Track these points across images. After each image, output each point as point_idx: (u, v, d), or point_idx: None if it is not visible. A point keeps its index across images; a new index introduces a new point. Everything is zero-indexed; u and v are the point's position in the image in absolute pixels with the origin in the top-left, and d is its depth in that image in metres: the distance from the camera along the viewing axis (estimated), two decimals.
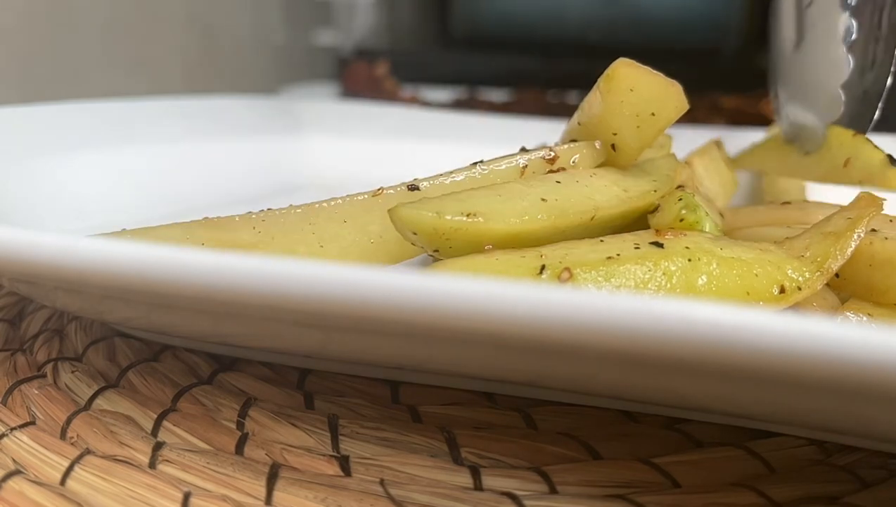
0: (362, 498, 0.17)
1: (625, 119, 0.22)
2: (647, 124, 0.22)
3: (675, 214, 0.21)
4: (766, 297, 0.19)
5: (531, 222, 0.21)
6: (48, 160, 0.32)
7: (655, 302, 0.13)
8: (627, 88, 0.22)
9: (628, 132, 0.22)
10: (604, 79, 0.23)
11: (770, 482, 0.18)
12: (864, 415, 0.17)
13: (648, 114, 0.22)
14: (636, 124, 0.22)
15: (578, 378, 0.18)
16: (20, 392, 0.21)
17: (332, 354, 0.21)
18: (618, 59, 0.22)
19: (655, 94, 0.22)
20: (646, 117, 0.22)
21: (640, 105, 0.22)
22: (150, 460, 0.18)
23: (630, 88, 0.22)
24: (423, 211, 0.20)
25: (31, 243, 0.16)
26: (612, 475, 0.18)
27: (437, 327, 0.14)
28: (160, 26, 0.69)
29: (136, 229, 0.23)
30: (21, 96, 0.55)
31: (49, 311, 0.27)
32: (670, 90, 0.22)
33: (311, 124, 0.45)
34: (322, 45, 0.99)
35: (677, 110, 0.22)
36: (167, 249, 0.15)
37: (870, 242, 0.21)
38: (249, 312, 0.17)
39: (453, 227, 0.20)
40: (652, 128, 0.22)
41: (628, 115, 0.22)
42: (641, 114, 0.22)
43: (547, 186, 0.22)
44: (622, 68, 0.22)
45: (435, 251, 0.21)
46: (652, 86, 0.22)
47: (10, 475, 0.17)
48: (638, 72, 0.22)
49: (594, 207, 0.22)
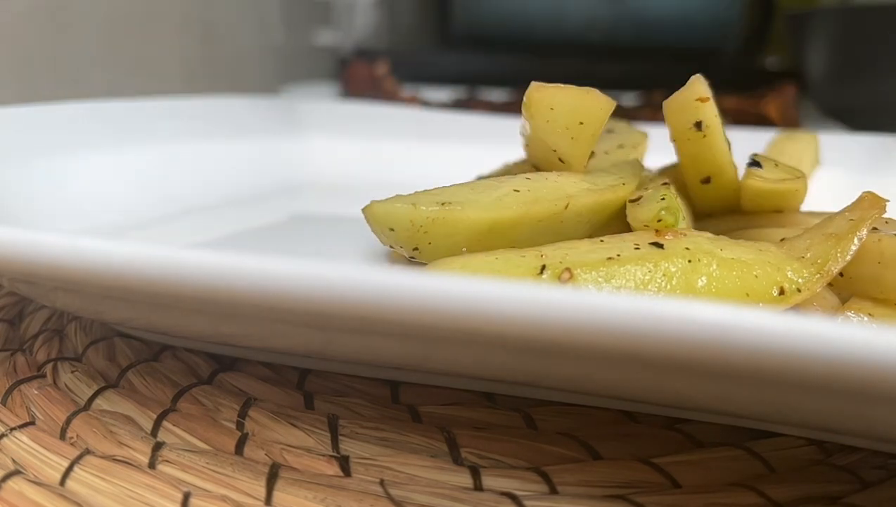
0: (362, 498, 0.17)
1: (557, 135, 0.23)
2: (580, 132, 0.23)
3: (655, 214, 0.21)
4: (765, 298, 0.19)
5: (506, 209, 0.21)
6: (48, 160, 0.32)
7: (655, 302, 0.13)
8: (547, 108, 0.23)
9: (566, 145, 0.23)
10: (524, 107, 0.23)
11: (770, 482, 0.18)
12: (865, 415, 0.16)
13: (577, 124, 0.23)
14: (570, 136, 0.23)
15: (578, 378, 0.18)
16: (20, 392, 0.21)
17: (332, 354, 0.21)
18: (531, 84, 0.23)
19: (575, 105, 0.23)
20: (576, 127, 0.23)
21: (566, 119, 0.23)
22: (150, 460, 0.18)
23: (550, 107, 0.23)
24: (398, 204, 0.21)
25: (31, 243, 0.16)
26: (612, 475, 0.18)
27: (437, 326, 0.14)
28: (160, 26, 0.69)
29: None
30: (21, 96, 0.55)
31: (49, 311, 0.27)
32: (588, 97, 0.23)
33: (311, 124, 0.45)
34: (322, 45, 0.99)
35: (604, 111, 0.23)
36: (167, 250, 0.15)
37: (878, 240, 0.21)
38: (249, 312, 0.17)
39: (430, 217, 0.21)
40: (586, 134, 0.23)
41: (559, 131, 0.23)
42: (570, 126, 0.23)
43: (518, 181, 0.22)
44: (535, 93, 0.23)
45: (414, 250, 0.21)
46: (569, 99, 0.23)
47: (9, 475, 0.17)
48: (552, 91, 0.23)
49: (566, 195, 0.22)
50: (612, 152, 0.28)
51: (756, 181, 0.24)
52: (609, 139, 0.29)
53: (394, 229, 0.21)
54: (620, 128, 0.31)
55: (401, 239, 0.21)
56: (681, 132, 0.24)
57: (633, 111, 0.59)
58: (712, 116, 0.24)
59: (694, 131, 0.24)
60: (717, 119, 0.24)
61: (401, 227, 0.21)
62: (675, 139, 0.25)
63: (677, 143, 0.25)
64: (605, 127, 0.24)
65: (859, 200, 0.22)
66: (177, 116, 0.40)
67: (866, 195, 0.22)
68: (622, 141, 0.29)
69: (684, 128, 0.24)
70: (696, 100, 0.24)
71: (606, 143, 0.29)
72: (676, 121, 0.24)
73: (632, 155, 0.28)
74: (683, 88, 0.24)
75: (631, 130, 0.31)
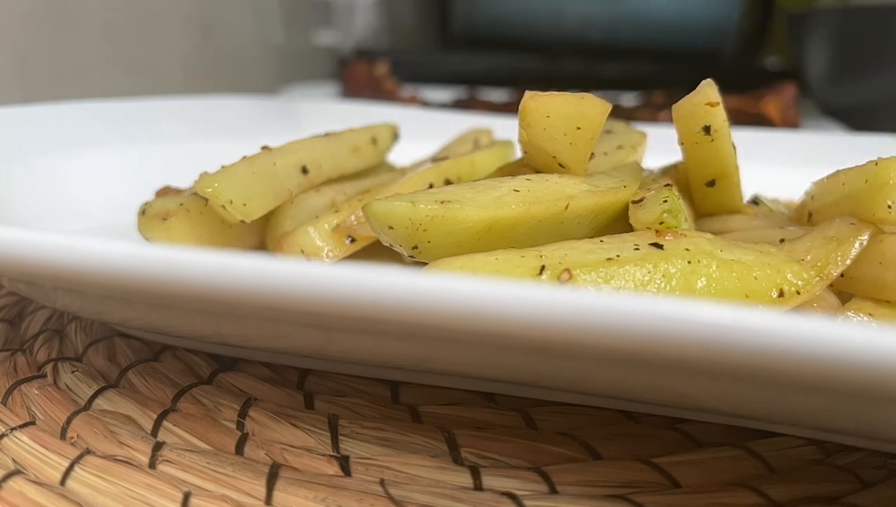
0: (362, 498, 0.17)
1: (556, 142, 0.23)
2: (578, 137, 0.23)
3: (657, 215, 0.21)
4: (764, 300, 0.19)
5: (506, 208, 0.21)
6: (48, 160, 0.32)
7: (654, 302, 0.13)
8: (543, 115, 0.23)
9: (564, 151, 0.23)
10: (520, 116, 0.23)
11: (770, 482, 0.18)
12: (865, 415, 0.17)
13: (574, 129, 0.23)
14: (568, 142, 0.23)
15: (578, 378, 0.18)
16: (20, 392, 0.21)
17: (332, 354, 0.21)
18: (525, 93, 0.23)
19: (571, 111, 0.23)
20: (573, 133, 0.23)
21: (562, 125, 0.23)
22: (150, 460, 0.18)
23: (546, 115, 0.23)
24: (398, 202, 0.21)
25: (31, 243, 0.16)
26: (612, 475, 0.18)
27: (437, 326, 0.14)
28: (160, 26, 0.69)
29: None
30: (21, 96, 0.55)
31: (49, 311, 0.27)
32: (583, 102, 0.23)
33: (311, 124, 0.45)
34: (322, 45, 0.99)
35: (600, 115, 0.23)
36: (167, 250, 0.15)
37: (879, 241, 0.21)
38: (249, 312, 0.17)
39: (429, 215, 0.20)
40: (584, 138, 0.23)
41: (557, 137, 0.23)
42: (568, 132, 0.23)
43: (518, 182, 0.22)
44: (531, 102, 0.23)
45: (414, 249, 0.21)
46: (565, 106, 0.23)
47: (10, 475, 0.17)
48: (547, 99, 0.23)
49: (567, 196, 0.22)
50: (612, 153, 0.28)
51: None
52: (608, 140, 0.29)
53: (393, 228, 0.21)
54: (619, 129, 0.31)
55: (400, 237, 0.21)
56: (689, 136, 0.25)
57: (633, 111, 0.59)
58: (721, 120, 0.24)
59: (702, 135, 0.24)
60: (725, 123, 0.24)
61: (400, 225, 0.21)
62: (683, 142, 0.25)
63: (685, 146, 0.25)
64: (603, 128, 0.24)
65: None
66: (177, 116, 0.40)
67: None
68: (621, 142, 0.29)
69: (692, 131, 0.24)
70: (705, 104, 0.24)
71: (605, 144, 0.29)
72: (685, 124, 0.25)
73: (631, 156, 0.28)
74: (693, 93, 0.24)
75: (630, 131, 0.31)
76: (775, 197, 0.32)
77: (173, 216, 0.26)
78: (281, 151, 0.28)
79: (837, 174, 0.24)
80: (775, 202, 0.30)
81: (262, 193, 0.26)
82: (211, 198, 0.25)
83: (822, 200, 0.25)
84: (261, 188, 0.26)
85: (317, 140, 0.30)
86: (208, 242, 0.27)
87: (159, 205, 0.27)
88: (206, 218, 0.27)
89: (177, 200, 0.27)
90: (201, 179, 0.25)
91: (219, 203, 0.25)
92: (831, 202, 0.24)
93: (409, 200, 0.21)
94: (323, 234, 0.26)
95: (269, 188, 0.27)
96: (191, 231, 0.26)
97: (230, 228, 0.27)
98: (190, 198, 0.27)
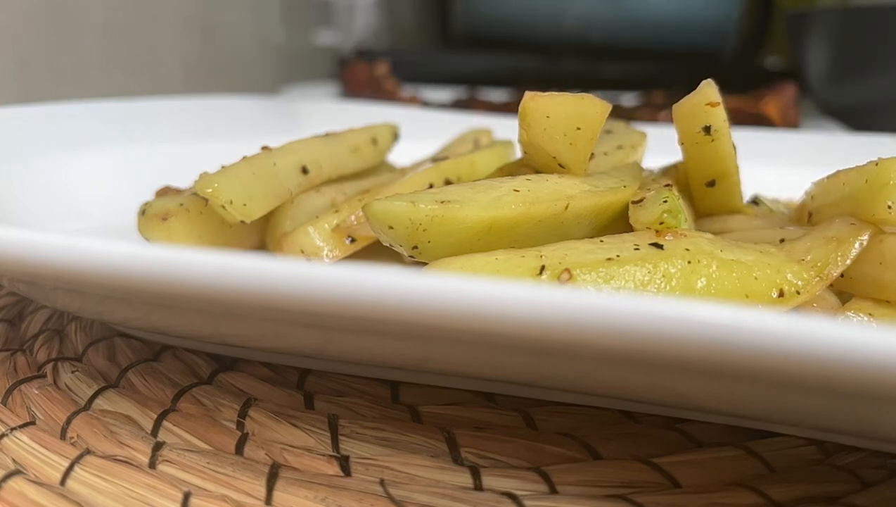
0: (362, 498, 0.17)
1: (556, 142, 0.23)
2: (578, 138, 0.23)
3: (657, 215, 0.21)
4: (764, 300, 0.19)
5: (506, 208, 0.21)
6: (48, 160, 0.32)
7: (654, 302, 0.13)
8: (543, 116, 0.23)
9: (565, 151, 0.23)
10: (520, 116, 0.23)
11: (770, 482, 0.18)
12: (865, 415, 0.17)
13: (574, 130, 0.23)
14: (568, 142, 0.23)
15: (578, 378, 0.18)
16: (20, 392, 0.21)
17: (332, 354, 0.21)
18: (525, 93, 0.23)
19: (570, 112, 0.23)
20: (573, 133, 0.23)
21: (562, 126, 0.23)
22: (150, 460, 0.18)
23: (546, 115, 0.23)
24: (398, 202, 0.21)
25: (31, 243, 0.16)
26: (612, 475, 0.18)
27: (437, 326, 0.14)
28: (160, 27, 0.69)
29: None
30: (21, 96, 0.55)
31: (49, 311, 0.27)
32: (583, 103, 0.23)
33: (311, 124, 0.45)
34: (322, 45, 0.99)
35: (600, 115, 0.23)
36: (167, 250, 0.15)
37: (879, 241, 0.21)
38: (249, 312, 0.17)
39: (429, 215, 0.20)
40: (584, 139, 0.23)
41: (557, 138, 0.23)
42: (568, 133, 0.23)
43: (518, 182, 0.22)
44: (530, 102, 0.23)
45: (414, 249, 0.21)
46: (564, 106, 0.23)
47: (10, 475, 0.17)
48: (547, 100, 0.23)
49: (567, 196, 0.22)
50: (612, 153, 0.28)
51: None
52: (608, 140, 0.29)
53: (393, 228, 0.21)
54: (619, 129, 0.31)
55: (400, 237, 0.21)
56: (689, 136, 0.25)
57: (633, 111, 0.59)
58: (721, 120, 0.24)
59: (702, 135, 0.24)
60: (725, 124, 0.24)
61: (400, 225, 0.21)
62: (683, 142, 0.25)
63: (685, 146, 0.25)
64: (603, 128, 0.24)
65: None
66: (177, 116, 0.40)
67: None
68: (621, 142, 0.29)
69: (692, 131, 0.24)
70: (705, 104, 0.24)
71: (605, 144, 0.29)
72: (685, 124, 0.25)
73: (631, 156, 0.28)
74: (694, 93, 0.24)
75: (629, 131, 0.31)
76: (775, 197, 0.32)
77: (173, 216, 0.26)
78: (281, 151, 0.28)
79: (837, 174, 0.24)
80: (775, 202, 0.30)
81: (262, 194, 0.26)
82: (211, 198, 0.25)
83: (822, 201, 0.25)
84: (261, 188, 0.26)
85: (317, 140, 0.30)
86: (208, 243, 0.27)
87: (159, 205, 0.27)
88: (206, 218, 0.27)
89: (177, 200, 0.27)
90: (201, 179, 0.25)
91: (219, 203, 0.25)
92: (831, 202, 0.24)
93: (409, 200, 0.21)
94: (323, 234, 0.26)
95: (269, 188, 0.27)
96: (191, 231, 0.26)
97: (230, 228, 0.27)
98: (190, 198, 0.27)
